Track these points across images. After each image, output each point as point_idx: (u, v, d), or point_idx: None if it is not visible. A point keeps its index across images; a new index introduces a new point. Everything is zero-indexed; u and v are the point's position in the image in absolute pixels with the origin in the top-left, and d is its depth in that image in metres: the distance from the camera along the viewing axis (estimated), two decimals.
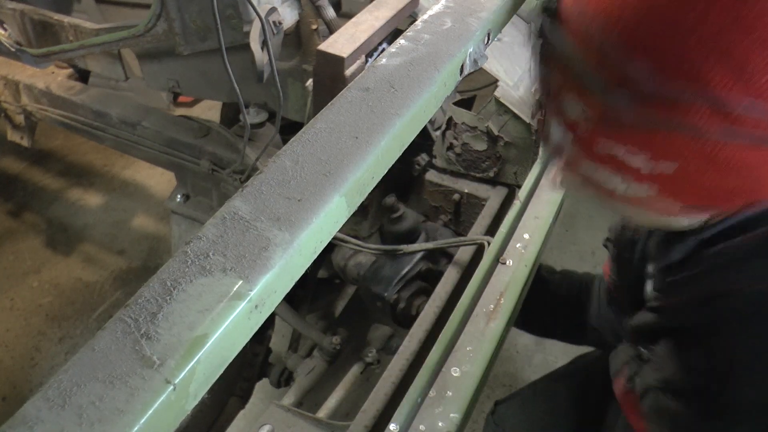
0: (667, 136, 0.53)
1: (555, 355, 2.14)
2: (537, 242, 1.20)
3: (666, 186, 0.58)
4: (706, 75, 0.49)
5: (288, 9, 1.23)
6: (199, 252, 0.52)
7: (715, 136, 0.51)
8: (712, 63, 0.49)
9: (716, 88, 0.49)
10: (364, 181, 0.63)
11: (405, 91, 0.71)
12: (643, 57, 0.52)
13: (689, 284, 0.70)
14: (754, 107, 0.49)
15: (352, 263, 1.41)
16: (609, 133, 0.58)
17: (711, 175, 0.54)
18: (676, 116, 0.52)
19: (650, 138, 0.55)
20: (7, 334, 2.24)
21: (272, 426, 1.00)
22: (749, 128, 0.51)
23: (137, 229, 2.66)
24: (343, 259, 1.43)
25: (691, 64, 0.50)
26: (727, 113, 0.50)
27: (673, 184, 0.57)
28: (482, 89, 1.80)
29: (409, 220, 1.36)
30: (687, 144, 0.53)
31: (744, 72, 0.48)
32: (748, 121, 0.50)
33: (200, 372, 0.47)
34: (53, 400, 0.43)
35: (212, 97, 1.49)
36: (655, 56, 0.51)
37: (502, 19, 0.91)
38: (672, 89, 0.51)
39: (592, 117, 0.58)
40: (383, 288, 1.31)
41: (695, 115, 0.51)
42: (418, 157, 1.56)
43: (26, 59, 1.56)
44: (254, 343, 1.54)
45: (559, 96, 0.61)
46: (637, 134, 0.55)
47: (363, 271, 1.37)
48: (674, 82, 0.51)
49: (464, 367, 0.97)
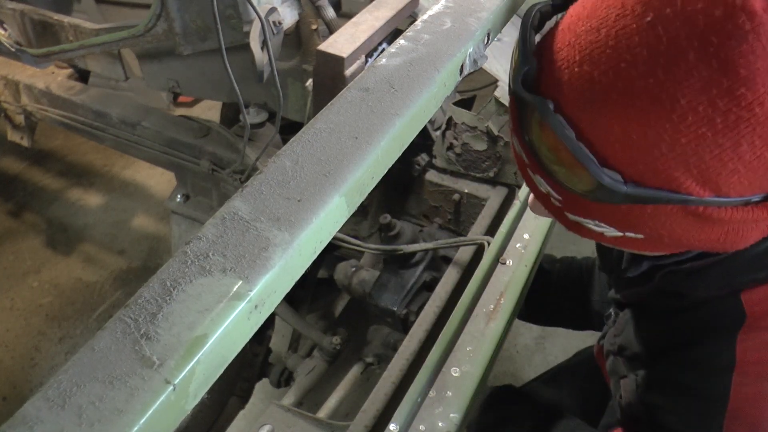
0: (641, 214, 0.56)
1: (555, 355, 2.14)
2: (537, 242, 1.20)
3: (631, 242, 0.61)
4: (675, 181, 0.52)
5: (288, 9, 1.23)
6: (199, 252, 0.52)
7: (700, 206, 0.53)
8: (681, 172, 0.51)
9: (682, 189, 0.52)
10: (364, 181, 0.63)
11: (405, 91, 0.71)
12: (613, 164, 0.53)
13: (640, 294, 0.77)
14: (717, 201, 0.52)
15: (356, 281, 1.39)
16: (576, 212, 0.60)
17: (681, 233, 0.57)
18: (646, 208, 0.55)
19: (618, 219, 0.58)
20: (7, 334, 2.24)
21: (272, 426, 1.00)
22: (710, 211, 0.53)
23: (137, 229, 2.66)
24: (346, 278, 1.41)
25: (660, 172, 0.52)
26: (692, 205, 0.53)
27: (639, 243, 0.60)
28: (482, 89, 1.80)
29: (406, 235, 1.36)
30: (663, 216, 0.55)
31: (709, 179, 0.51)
32: (713, 209, 0.53)
33: (200, 372, 0.47)
34: (53, 400, 0.43)
35: (212, 97, 1.49)
36: (625, 164, 0.53)
37: (502, 19, 0.91)
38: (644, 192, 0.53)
39: (561, 200, 0.60)
40: (392, 303, 1.31)
41: (664, 207, 0.54)
42: (418, 157, 1.56)
43: (26, 59, 1.56)
44: (254, 343, 1.54)
45: (529, 170, 0.62)
46: (606, 216, 0.58)
47: (368, 289, 1.35)
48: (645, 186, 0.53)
49: (464, 367, 0.97)
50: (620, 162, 0.52)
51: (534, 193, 0.66)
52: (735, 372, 0.64)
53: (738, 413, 0.64)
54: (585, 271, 1.26)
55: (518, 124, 0.59)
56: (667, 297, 0.73)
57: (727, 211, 0.53)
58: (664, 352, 0.74)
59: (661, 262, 0.71)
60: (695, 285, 0.68)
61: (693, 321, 0.70)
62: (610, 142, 0.52)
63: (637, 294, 0.79)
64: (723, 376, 0.65)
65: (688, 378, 0.70)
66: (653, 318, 0.77)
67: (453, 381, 0.95)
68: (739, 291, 0.65)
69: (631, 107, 0.50)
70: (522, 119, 0.58)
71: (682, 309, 0.71)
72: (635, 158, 0.52)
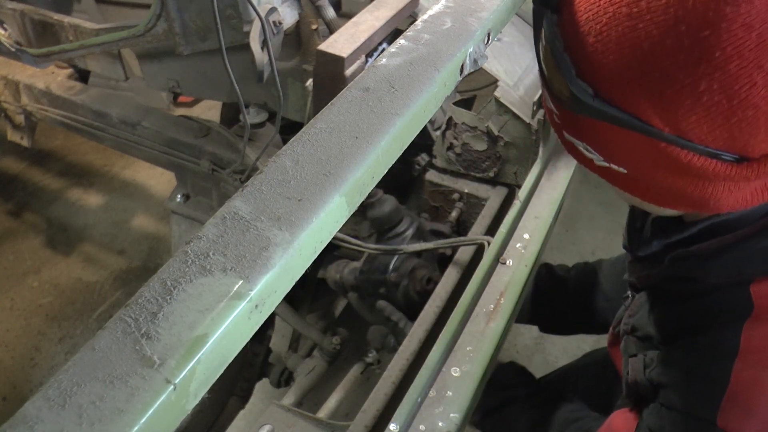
0: (617, 141, 0.60)
1: (555, 355, 2.15)
2: (537, 242, 1.20)
3: (617, 177, 0.65)
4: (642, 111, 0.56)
5: (288, 9, 1.23)
6: (199, 252, 0.52)
7: (663, 141, 0.57)
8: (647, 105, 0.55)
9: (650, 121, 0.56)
10: (364, 181, 0.63)
11: (405, 91, 0.71)
12: (599, 83, 0.58)
13: (654, 277, 0.80)
14: (678, 141, 0.56)
15: (347, 271, 1.40)
16: (570, 131, 0.65)
17: (659, 177, 0.60)
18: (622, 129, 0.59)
19: (600, 143, 0.62)
20: (7, 334, 2.24)
21: (272, 426, 1.00)
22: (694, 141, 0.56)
23: (137, 229, 2.66)
24: (337, 272, 1.42)
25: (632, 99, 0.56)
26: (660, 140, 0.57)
27: (623, 179, 0.64)
28: (482, 89, 1.80)
29: (387, 204, 1.36)
30: (635, 148, 0.59)
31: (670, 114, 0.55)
32: (678, 150, 0.57)
33: (200, 372, 0.47)
34: (53, 399, 0.43)
35: (212, 97, 1.49)
36: (611, 87, 0.57)
37: (502, 19, 0.91)
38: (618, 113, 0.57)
39: (558, 115, 0.65)
40: (381, 273, 1.31)
41: (633, 136, 0.58)
42: (418, 157, 1.56)
43: (26, 59, 1.56)
44: (254, 343, 1.54)
45: (544, 86, 0.67)
46: (590, 138, 0.63)
47: (357, 272, 1.37)
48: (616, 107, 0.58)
49: (464, 367, 0.97)
50: (593, 77, 0.58)
51: (545, 111, 0.71)
52: (737, 359, 0.67)
53: (735, 397, 0.67)
54: (599, 271, 1.27)
55: (537, 31, 0.66)
56: (679, 282, 0.75)
57: (695, 158, 0.56)
58: (674, 336, 0.76)
59: (669, 240, 0.74)
60: (706, 272, 0.71)
61: (702, 308, 0.72)
62: (588, 59, 0.58)
63: (648, 276, 0.82)
64: (725, 361, 0.67)
65: (693, 361, 0.72)
66: (666, 302, 0.80)
67: (453, 381, 0.95)
68: (749, 282, 0.67)
69: (613, 30, 0.55)
70: (536, 26, 0.65)
71: (693, 295, 0.74)
72: (607, 78, 0.57)
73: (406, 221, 1.38)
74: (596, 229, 2.55)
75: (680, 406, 0.73)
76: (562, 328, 1.36)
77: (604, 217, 2.63)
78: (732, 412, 0.67)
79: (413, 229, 1.37)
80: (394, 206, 1.37)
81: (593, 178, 0.73)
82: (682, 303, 0.76)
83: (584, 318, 1.28)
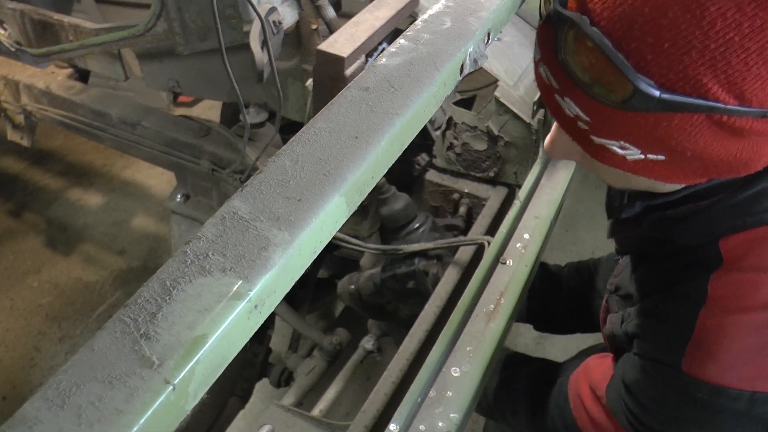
0: (669, 127, 0.59)
1: (555, 355, 2.13)
2: (537, 242, 1.20)
3: (651, 167, 0.64)
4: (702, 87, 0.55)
5: (288, 9, 1.23)
6: (199, 252, 0.52)
7: (725, 115, 0.56)
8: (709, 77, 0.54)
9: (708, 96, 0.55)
10: (364, 181, 0.63)
11: (405, 90, 0.71)
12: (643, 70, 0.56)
13: (632, 239, 0.84)
14: (739, 110, 0.56)
15: (363, 280, 1.38)
16: (603, 134, 0.63)
17: (708, 151, 0.60)
18: (673, 118, 0.58)
19: (644, 135, 0.61)
20: (7, 334, 2.24)
21: (272, 426, 1.00)
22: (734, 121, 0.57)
23: (137, 229, 2.66)
24: (351, 284, 1.40)
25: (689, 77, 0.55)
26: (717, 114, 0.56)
27: (658, 168, 0.64)
28: (482, 89, 1.80)
29: (401, 201, 1.34)
30: (691, 130, 0.58)
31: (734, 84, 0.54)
32: (736, 119, 0.57)
33: (200, 372, 0.46)
34: (53, 400, 0.43)
35: (212, 97, 1.49)
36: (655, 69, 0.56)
37: (502, 18, 0.91)
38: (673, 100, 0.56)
39: (589, 121, 0.63)
40: (408, 264, 1.29)
41: (691, 117, 0.57)
42: (418, 157, 1.56)
43: (26, 59, 1.56)
44: (254, 343, 1.54)
45: (557, 96, 0.65)
46: (632, 133, 0.61)
47: (377, 279, 1.34)
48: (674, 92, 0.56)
49: (464, 367, 0.97)
50: (653, 71, 0.56)
51: (559, 122, 0.68)
52: (704, 306, 0.70)
53: (699, 342, 0.70)
54: (593, 269, 1.27)
55: (551, 47, 0.62)
56: (657, 243, 0.79)
57: (748, 121, 0.56)
58: (650, 291, 0.80)
59: (653, 203, 0.76)
60: (680, 232, 0.74)
61: (677, 265, 0.76)
62: (642, 53, 0.56)
63: (629, 238, 0.86)
64: (693, 309, 0.71)
65: (664, 311, 0.76)
66: (646, 263, 0.83)
67: (453, 381, 0.95)
68: (718, 238, 0.71)
69: (663, 17, 0.54)
70: (557, 39, 0.61)
71: (670, 255, 0.77)
72: (667, 66, 0.55)
73: (420, 217, 1.37)
74: (596, 229, 2.55)
75: (649, 353, 0.77)
76: (556, 327, 1.36)
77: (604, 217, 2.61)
78: (695, 356, 0.70)
79: (428, 225, 1.37)
80: (408, 203, 1.36)
81: (593, 178, 0.73)
82: (659, 262, 0.79)
83: (578, 316, 1.28)
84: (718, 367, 0.68)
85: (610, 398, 0.84)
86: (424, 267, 1.30)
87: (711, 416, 0.71)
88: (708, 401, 0.69)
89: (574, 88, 0.61)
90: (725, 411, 0.69)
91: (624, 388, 0.80)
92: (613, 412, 0.83)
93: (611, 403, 0.84)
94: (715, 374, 0.68)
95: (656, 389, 0.76)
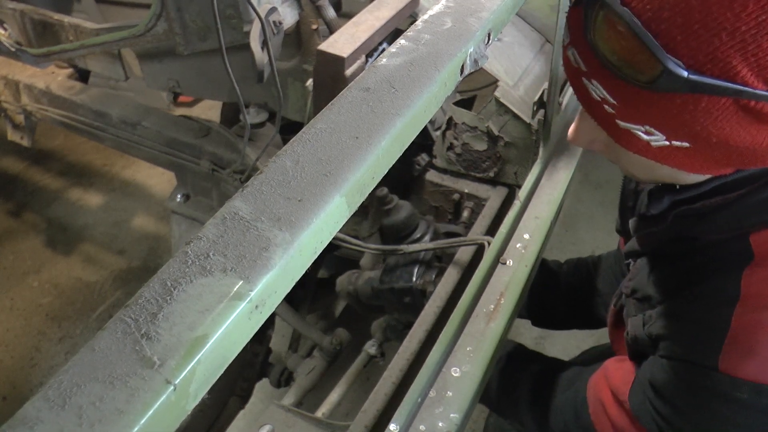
0: (695, 111, 0.58)
1: (554, 355, 2.14)
2: (537, 242, 1.20)
3: (675, 154, 0.64)
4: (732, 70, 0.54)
5: (288, 9, 1.23)
6: (200, 252, 0.52)
7: (752, 100, 0.56)
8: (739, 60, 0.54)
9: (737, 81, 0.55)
10: (365, 182, 0.63)
11: (405, 91, 0.71)
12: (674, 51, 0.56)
13: (657, 235, 0.81)
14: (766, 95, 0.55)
15: (362, 282, 1.36)
16: (629, 118, 0.63)
17: (734, 138, 0.59)
18: (700, 102, 0.57)
19: (670, 119, 0.60)
20: (7, 334, 2.24)
21: (272, 426, 1.00)
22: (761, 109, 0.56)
23: (137, 229, 2.66)
24: (350, 284, 1.39)
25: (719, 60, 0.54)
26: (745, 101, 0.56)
27: (682, 155, 0.63)
28: (482, 89, 1.80)
29: (404, 211, 1.33)
30: (717, 114, 0.58)
31: None
32: (764, 104, 0.56)
33: (200, 372, 0.46)
34: (53, 400, 0.43)
35: (212, 97, 1.49)
36: (686, 51, 0.55)
37: (503, 19, 0.91)
38: (702, 83, 0.56)
39: (616, 104, 0.63)
40: (407, 280, 1.27)
41: (718, 101, 0.56)
42: (419, 157, 1.56)
43: (26, 59, 1.56)
44: (254, 343, 1.54)
45: (584, 78, 0.65)
46: (658, 117, 0.61)
47: (376, 284, 1.32)
48: (703, 75, 0.55)
49: (464, 367, 0.97)
50: (682, 52, 0.55)
51: (585, 106, 0.68)
52: (738, 304, 0.68)
53: (735, 340, 0.68)
54: (592, 267, 1.27)
55: (580, 29, 0.62)
56: (680, 243, 0.77)
57: None
58: (674, 291, 0.78)
59: (680, 197, 0.75)
60: (707, 228, 0.72)
61: (703, 261, 0.74)
62: (672, 34, 0.55)
63: (652, 236, 0.83)
64: (726, 307, 0.69)
65: (694, 310, 0.73)
66: (667, 263, 0.81)
67: (453, 381, 0.95)
68: (748, 233, 0.69)
69: None
70: (587, 19, 0.61)
71: (694, 251, 0.75)
72: (696, 47, 0.55)
73: (422, 226, 1.36)
74: (596, 229, 2.55)
75: (681, 355, 0.74)
76: (554, 323, 1.36)
77: (604, 217, 2.63)
78: (733, 354, 0.68)
79: (430, 233, 1.35)
80: (410, 212, 1.34)
81: (593, 178, 0.73)
82: (681, 261, 0.77)
83: (576, 312, 1.28)
84: (759, 364, 0.66)
85: (635, 403, 0.81)
86: (422, 285, 1.28)
87: (751, 415, 0.68)
88: (749, 400, 0.67)
89: (602, 69, 0.61)
90: (766, 410, 0.67)
91: (653, 392, 0.77)
92: (638, 417, 0.80)
93: (636, 408, 0.81)
94: (756, 371, 0.66)
95: (690, 391, 0.73)
